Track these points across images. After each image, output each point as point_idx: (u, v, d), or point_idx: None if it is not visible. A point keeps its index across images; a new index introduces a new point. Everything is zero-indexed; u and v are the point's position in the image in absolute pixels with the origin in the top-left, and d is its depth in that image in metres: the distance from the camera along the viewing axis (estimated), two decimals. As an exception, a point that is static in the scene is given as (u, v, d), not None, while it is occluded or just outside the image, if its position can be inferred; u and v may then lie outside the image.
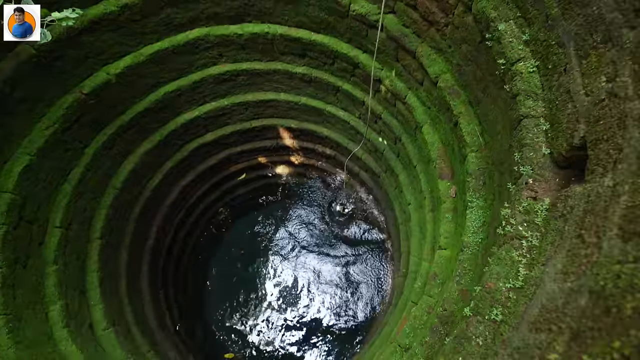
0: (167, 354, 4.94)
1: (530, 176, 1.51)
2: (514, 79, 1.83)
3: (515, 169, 1.63)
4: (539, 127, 1.62)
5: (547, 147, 1.55)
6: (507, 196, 1.66)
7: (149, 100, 4.74)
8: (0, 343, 2.68)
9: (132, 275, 5.14)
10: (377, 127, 5.07)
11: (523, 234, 1.38)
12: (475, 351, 1.20)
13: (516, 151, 1.67)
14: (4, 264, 3.08)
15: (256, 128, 6.21)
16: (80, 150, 4.19)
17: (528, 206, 1.44)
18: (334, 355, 6.17)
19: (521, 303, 1.14)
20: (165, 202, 5.92)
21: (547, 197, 1.42)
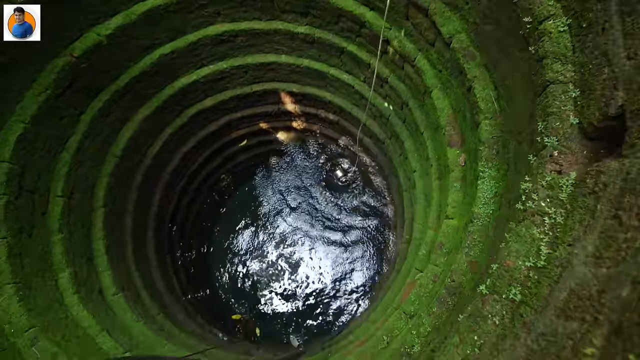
0: (176, 316, 5.11)
1: (556, 148, 1.41)
2: (541, 39, 1.67)
3: (538, 140, 1.52)
4: (568, 94, 1.49)
5: (575, 117, 1.43)
6: (527, 168, 1.57)
7: (143, 63, 4.51)
8: (13, 311, 2.73)
9: (138, 241, 5.20)
10: (383, 92, 4.87)
11: (546, 210, 1.31)
12: (492, 330, 1.18)
13: (540, 120, 1.56)
14: (8, 233, 3.08)
15: (257, 92, 5.98)
16: (76, 117, 4.04)
17: (552, 180, 1.35)
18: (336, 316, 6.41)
19: (544, 285, 1.10)
20: (166, 170, 5.86)
21: (573, 170, 1.33)
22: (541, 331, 0.94)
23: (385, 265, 6.61)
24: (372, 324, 3.60)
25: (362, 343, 2.93)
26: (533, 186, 1.42)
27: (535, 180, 1.42)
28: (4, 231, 3.04)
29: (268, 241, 7.25)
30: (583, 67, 1.46)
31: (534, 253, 1.25)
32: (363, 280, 6.76)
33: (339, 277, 6.87)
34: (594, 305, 0.82)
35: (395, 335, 2.51)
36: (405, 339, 2.10)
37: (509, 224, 1.44)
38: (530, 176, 1.48)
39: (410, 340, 2.02)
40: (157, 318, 4.52)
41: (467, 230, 2.29)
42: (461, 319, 1.32)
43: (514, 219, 1.43)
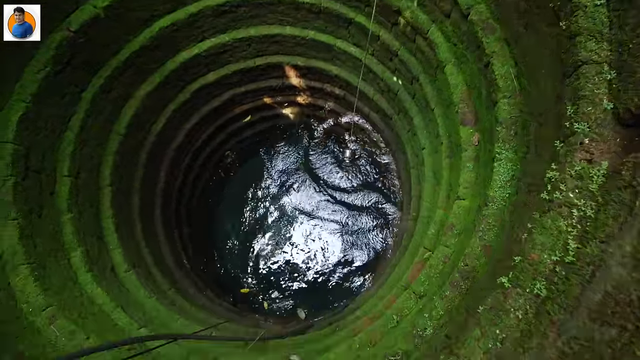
0: (187, 290, 5.24)
1: (587, 135, 1.33)
2: (575, 13, 1.54)
3: (567, 125, 1.44)
4: (602, 76, 1.39)
5: (609, 101, 1.34)
6: (553, 154, 1.50)
7: (143, 37, 4.34)
8: (29, 291, 2.79)
9: (146, 218, 5.24)
10: (392, 65, 4.68)
11: (574, 202, 1.26)
12: (514, 324, 1.17)
13: (569, 104, 1.47)
14: (19, 215, 3.08)
15: (260, 66, 5.79)
16: (78, 95, 3.94)
17: (582, 170, 1.29)
18: (341, 289, 6.55)
19: (574, 283, 1.07)
20: (171, 146, 5.80)
21: (605, 160, 1.26)
22: (574, 334, 0.92)
23: (391, 240, 6.67)
24: (379, 299, 3.66)
25: (371, 321, 2.98)
26: (560, 175, 1.36)
27: (563, 169, 1.36)
28: (14, 213, 3.04)
29: (273, 217, 7.30)
30: (621, 46, 1.35)
31: (560, 247, 1.22)
32: (368, 255, 6.85)
33: (344, 251, 6.96)
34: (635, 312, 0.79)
35: (405, 315, 2.55)
36: (417, 321, 2.13)
37: (533, 214, 1.40)
38: (557, 164, 1.41)
39: (423, 323, 2.04)
40: (168, 293, 4.63)
41: (481, 214, 2.25)
42: (481, 310, 1.30)
43: (538, 209, 1.38)
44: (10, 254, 2.89)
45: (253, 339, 3.58)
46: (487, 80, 2.67)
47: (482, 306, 1.31)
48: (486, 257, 2.02)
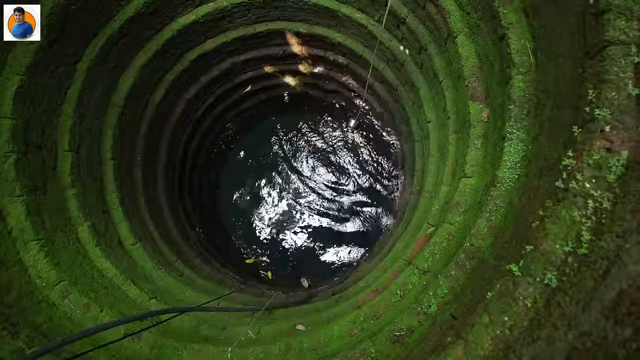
0: (193, 261, 5.37)
1: (608, 122, 1.29)
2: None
3: (587, 110, 1.39)
4: (629, 58, 1.32)
5: (634, 87, 1.28)
6: (569, 139, 1.46)
7: (137, 2, 4.11)
8: (41, 267, 2.85)
9: (150, 192, 5.26)
10: (399, 34, 4.48)
11: (590, 192, 1.24)
12: (523, 312, 1.20)
13: (590, 87, 1.40)
14: (23, 191, 3.08)
15: (261, 33, 5.55)
16: (73, 66, 3.80)
17: (600, 159, 1.26)
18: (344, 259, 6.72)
19: (586, 276, 1.08)
20: (171, 118, 5.69)
21: (625, 149, 1.23)
22: (586, 330, 0.94)
23: (393, 213, 6.74)
24: (382, 271, 3.75)
25: (374, 294, 3.07)
26: (577, 164, 1.33)
27: (581, 156, 1.33)
28: (19, 189, 3.03)
29: (276, 187, 7.33)
30: (653, 26, 1.27)
31: (573, 238, 1.22)
32: (370, 226, 6.95)
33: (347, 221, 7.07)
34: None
35: (409, 290, 2.62)
36: (421, 298, 2.19)
37: (546, 201, 1.38)
38: (574, 151, 1.38)
39: (427, 300, 2.10)
40: (175, 265, 4.75)
41: (489, 194, 2.25)
42: (489, 297, 1.33)
43: (552, 197, 1.37)
44: (19, 230, 2.92)
45: (259, 309, 3.72)
46: (501, 54, 2.56)
47: (491, 292, 1.34)
48: (493, 237, 2.04)
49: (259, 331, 3.17)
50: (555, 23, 1.92)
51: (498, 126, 2.58)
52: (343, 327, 2.69)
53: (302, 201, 7.20)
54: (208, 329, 3.19)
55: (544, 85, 2.05)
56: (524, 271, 1.28)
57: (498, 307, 1.25)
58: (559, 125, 1.72)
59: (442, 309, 1.96)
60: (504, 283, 1.32)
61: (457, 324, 1.48)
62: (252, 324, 3.26)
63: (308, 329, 3.14)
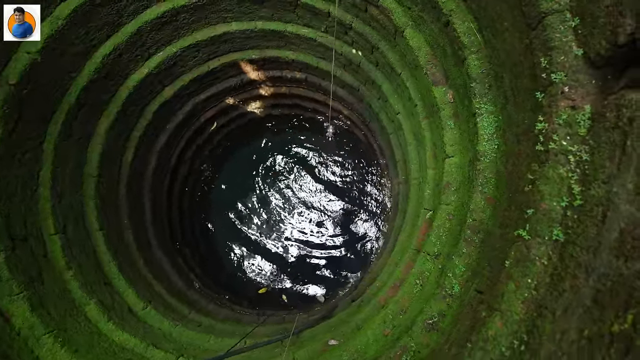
0: (207, 307, 5.28)
1: (565, 83, 1.44)
2: (527, -34, 1.60)
3: (544, 76, 1.54)
4: (566, 24, 1.48)
5: (578, 47, 1.44)
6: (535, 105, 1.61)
7: (88, 70, 4.09)
8: (61, 358, 2.75)
9: (145, 251, 5.15)
10: (349, 39, 4.65)
11: (568, 149, 1.38)
12: (542, 270, 1.30)
13: (541, 55, 1.56)
14: (21, 288, 2.98)
15: (215, 69, 5.61)
16: (39, 147, 3.73)
17: (568, 118, 1.40)
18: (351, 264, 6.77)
19: (588, 224, 1.20)
20: (147, 173, 5.63)
21: (587, 104, 1.37)
22: (603, 272, 1.04)
23: (388, 206, 6.87)
24: (394, 266, 3.84)
25: (394, 290, 3.14)
26: (550, 126, 1.46)
27: (551, 119, 1.46)
28: (17, 287, 2.94)
29: (265, 214, 7.32)
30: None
31: (566, 192, 1.34)
32: (368, 226, 7.05)
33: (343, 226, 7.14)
34: (654, 244, 0.91)
35: (427, 278, 2.71)
36: (442, 282, 2.28)
37: (532, 165, 1.51)
38: (543, 115, 1.52)
39: (449, 282, 2.19)
40: (190, 316, 4.65)
41: (475, 169, 2.38)
42: (508, 265, 1.43)
43: (536, 161, 1.50)
44: (27, 328, 2.81)
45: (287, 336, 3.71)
46: (449, 38, 2.73)
47: (508, 260, 1.44)
48: (492, 208, 2.16)
49: (293, 358, 3.16)
50: (493, 2, 2.09)
51: (465, 104, 2.74)
52: (375, 329, 2.74)
53: (294, 219, 7.23)
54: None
55: (498, 60, 2.21)
56: (533, 233, 1.39)
57: (519, 272, 1.35)
58: (522, 93, 1.87)
59: (466, 287, 2.05)
60: (517, 249, 1.42)
61: (486, 297, 1.57)
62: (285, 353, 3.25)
63: (340, 342, 3.16)
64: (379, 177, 7.13)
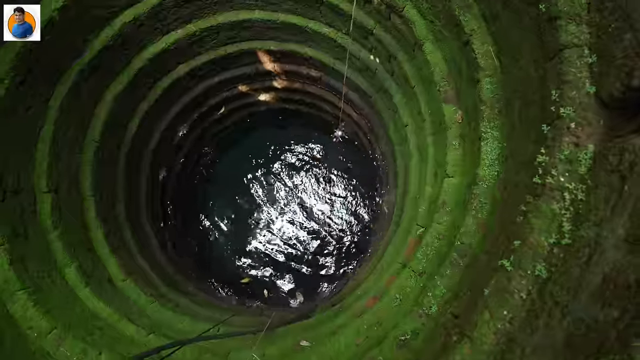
0: (187, 289, 5.27)
1: (573, 119, 1.41)
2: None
3: (552, 109, 1.51)
4: (583, 59, 1.45)
5: (591, 84, 1.41)
6: (540, 137, 1.58)
7: (105, 35, 4.08)
8: (31, 316, 2.74)
9: (135, 225, 5.14)
10: (369, 44, 4.63)
11: (565, 186, 1.35)
12: (519, 304, 1.28)
13: (553, 88, 1.53)
14: (4, 240, 2.97)
15: (232, 54, 5.60)
16: (44, 105, 3.72)
17: (570, 154, 1.37)
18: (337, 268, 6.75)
19: (572, 265, 1.17)
20: (148, 148, 5.62)
21: (591, 143, 1.35)
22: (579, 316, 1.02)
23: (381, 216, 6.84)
24: (379, 277, 3.81)
25: (374, 300, 3.12)
26: (550, 160, 1.44)
27: (552, 153, 1.44)
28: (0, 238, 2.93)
29: (262, 204, 7.31)
30: (600, 29, 1.41)
31: (555, 229, 1.31)
32: (360, 231, 7.03)
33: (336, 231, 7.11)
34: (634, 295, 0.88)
35: (408, 294, 2.68)
36: (421, 300, 2.26)
37: (527, 197, 1.49)
38: (546, 148, 1.49)
39: (427, 301, 2.17)
40: (169, 295, 4.64)
41: (472, 192, 2.36)
42: (487, 293, 1.41)
43: (531, 193, 1.47)
44: (2, 281, 2.80)
45: (261, 330, 3.68)
46: (467, 58, 2.71)
47: (487, 289, 1.42)
48: (482, 235, 2.14)
49: (264, 353, 3.14)
50: (514, 28, 2.07)
51: (473, 126, 2.71)
52: (349, 338, 2.71)
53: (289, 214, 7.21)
54: (211, 358, 3.14)
55: (511, 86, 2.19)
56: (516, 265, 1.36)
57: (496, 302, 1.33)
58: (529, 123, 1.84)
59: (443, 309, 2.03)
60: (498, 278, 1.40)
61: (460, 322, 1.55)
62: (255, 346, 3.23)
63: (312, 344, 3.14)
64: (378, 186, 7.09)
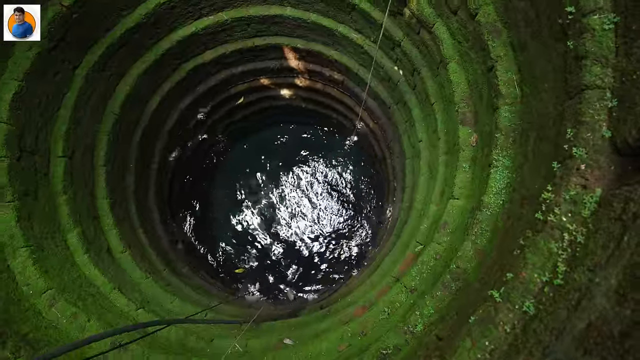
0: (182, 270, 5.34)
1: (584, 161, 1.40)
2: (583, 35, 1.56)
3: (565, 147, 1.50)
4: (603, 102, 1.44)
5: (608, 129, 1.40)
6: (549, 173, 1.57)
7: (138, 13, 4.18)
8: (29, 273, 2.82)
9: (141, 199, 5.24)
10: (394, 55, 4.63)
11: (566, 226, 1.34)
12: (503, 337, 1.27)
13: (570, 127, 1.52)
14: (14, 197, 3.07)
15: (259, 47, 5.66)
16: (71, 72, 3.83)
17: (576, 195, 1.36)
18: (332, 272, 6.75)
19: (561, 306, 1.16)
20: (165, 127, 5.72)
21: (599, 187, 1.33)
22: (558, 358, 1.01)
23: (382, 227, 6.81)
24: (371, 287, 3.81)
25: (362, 310, 3.12)
26: (555, 198, 1.43)
27: (559, 191, 1.43)
28: (10, 195, 3.02)
29: (266, 198, 7.36)
30: (625, 75, 1.39)
31: (550, 268, 1.31)
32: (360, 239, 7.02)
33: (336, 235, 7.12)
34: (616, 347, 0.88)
35: (396, 309, 2.68)
36: (408, 317, 2.25)
37: (527, 232, 1.48)
38: (553, 186, 1.48)
39: (414, 319, 2.16)
40: (163, 274, 4.71)
41: (475, 218, 2.34)
42: (472, 321, 1.41)
43: (532, 228, 1.46)
44: (8, 236, 2.90)
45: (247, 321, 3.72)
46: (489, 83, 2.69)
47: (473, 316, 1.41)
48: (477, 262, 2.12)
49: (246, 344, 3.17)
50: (540, 60, 2.05)
51: (485, 152, 2.70)
52: (331, 343, 2.72)
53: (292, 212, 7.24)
54: (195, 341, 3.18)
55: (529, 118, 2.17)
56: (505, 298, 1.36)
57: (480, 332, 1.33)
58: (541, 158, 1.83)
59: (428, 329, 2.02)
60: (485, 308, 1.39)
61: (442, 345, 1.55)
62: (239, 337, 3.26)
63: (295, 343, 3.16)
64: (385, 196, 7.07)
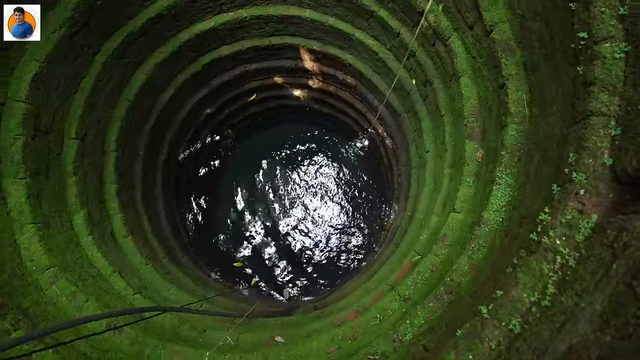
0: (181, 259, 5.41)
1: (583, 186, 1.41)
2: (593, 62, 1.57)
3: (566, 171, 1.52)
4: (607, 130, 1.45)
5: (610, 156, 1.41)
6: (548, 195, 1.58)
7: (160, 4, 4.27)
8: (34, 250, 2.90)
9: (147, 186, 5.33)
10: (408, 65, 4.65)
11: (559, 249, 1.36)
12: (487, 353, 1.29)
13: (572, 151, 1.53)
14: (27, 174, 3.16)
15: (275, 46, 5.72)
16: (90, 57, 3.93)
17: (572, 220, 1.38)
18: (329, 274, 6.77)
19: (545, 327, 1.18)
20: (177, 118, 5.80)
21: (596, 213, 1.35)
22: (537, 378, 1.04)
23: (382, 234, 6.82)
24: (366, 293, 3.83)
25: (355, 314, 3.14)
26: (551, 220, 1.44)
27: (555, 214, 1.44)
28: (23, 172, 3.11)
29: (272, 195, 7.42)
30: (630, 104, 1.40)
31: (539, 289, 1.32)
32: (360, 244, 7.03)
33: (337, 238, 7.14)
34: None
35: (388, 316, 2.70)
36: (399, 326, 2.27)
37: (520, 251, 1.49)
38: (550, 208, 1.50)
39: (404, 328, 2.19)
40: (163, 262, 4.79)
41: (474, 233, 2.36)
42: (459, 334, 1.43)
43: (526, 248, 1.48)
44: (17, 212, 2.98)
45: (241, 316, 3.76)
46: (499, 101, 2.71)
47: (461, 330, 1.43)
48: (471, 277, 2.14)
49: (238, 338, 3.22)
50: (551, 83, 2.06)
51: (490, 168, 2.71)
52: (321, 344, 2.75)
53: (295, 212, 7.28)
54: (188, 330, 3.23)
55: (535, 138, 2.18)
56: (492, 314, 1.38)
57: (465, 346, 1.35)
58: (542, 179, 1.84)
59: (417, 339, 2.04)
60: (473, 323, 1.41)
61: (428, 356, 1.57)
62: (232, 330, 3.31)
63: (286, 342, 3.19)
64: (388, 203, 7.08)
